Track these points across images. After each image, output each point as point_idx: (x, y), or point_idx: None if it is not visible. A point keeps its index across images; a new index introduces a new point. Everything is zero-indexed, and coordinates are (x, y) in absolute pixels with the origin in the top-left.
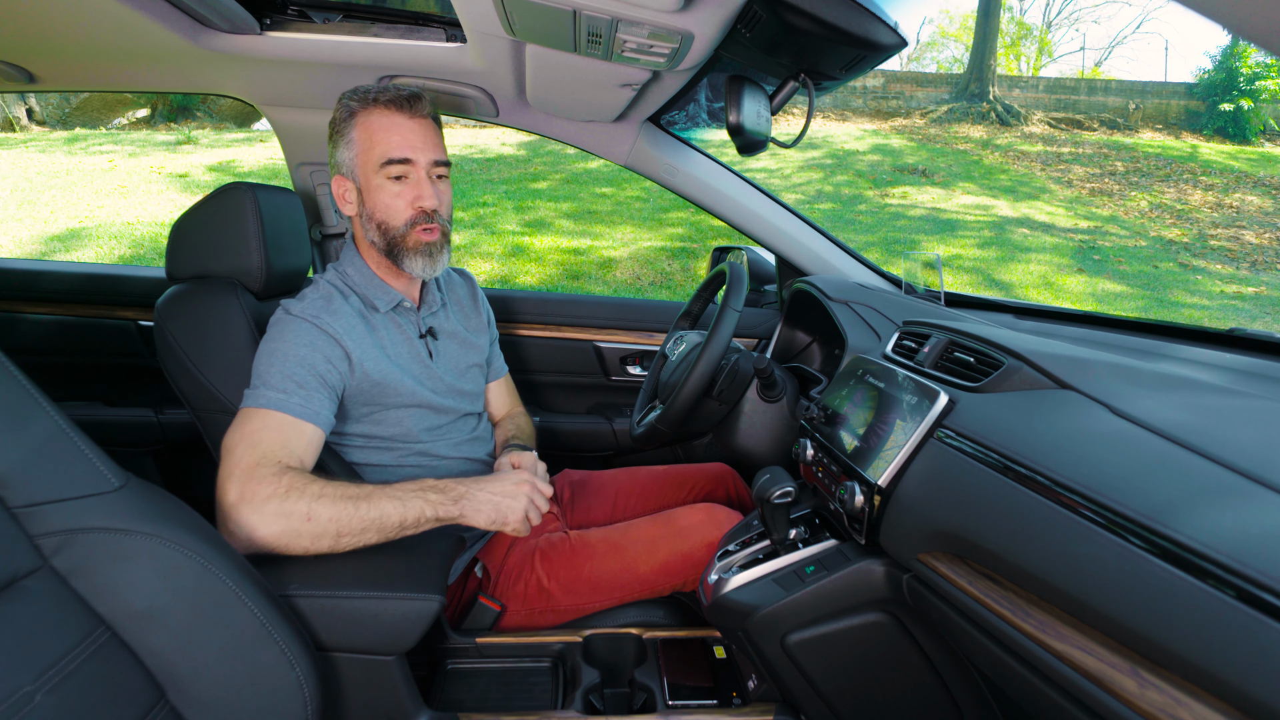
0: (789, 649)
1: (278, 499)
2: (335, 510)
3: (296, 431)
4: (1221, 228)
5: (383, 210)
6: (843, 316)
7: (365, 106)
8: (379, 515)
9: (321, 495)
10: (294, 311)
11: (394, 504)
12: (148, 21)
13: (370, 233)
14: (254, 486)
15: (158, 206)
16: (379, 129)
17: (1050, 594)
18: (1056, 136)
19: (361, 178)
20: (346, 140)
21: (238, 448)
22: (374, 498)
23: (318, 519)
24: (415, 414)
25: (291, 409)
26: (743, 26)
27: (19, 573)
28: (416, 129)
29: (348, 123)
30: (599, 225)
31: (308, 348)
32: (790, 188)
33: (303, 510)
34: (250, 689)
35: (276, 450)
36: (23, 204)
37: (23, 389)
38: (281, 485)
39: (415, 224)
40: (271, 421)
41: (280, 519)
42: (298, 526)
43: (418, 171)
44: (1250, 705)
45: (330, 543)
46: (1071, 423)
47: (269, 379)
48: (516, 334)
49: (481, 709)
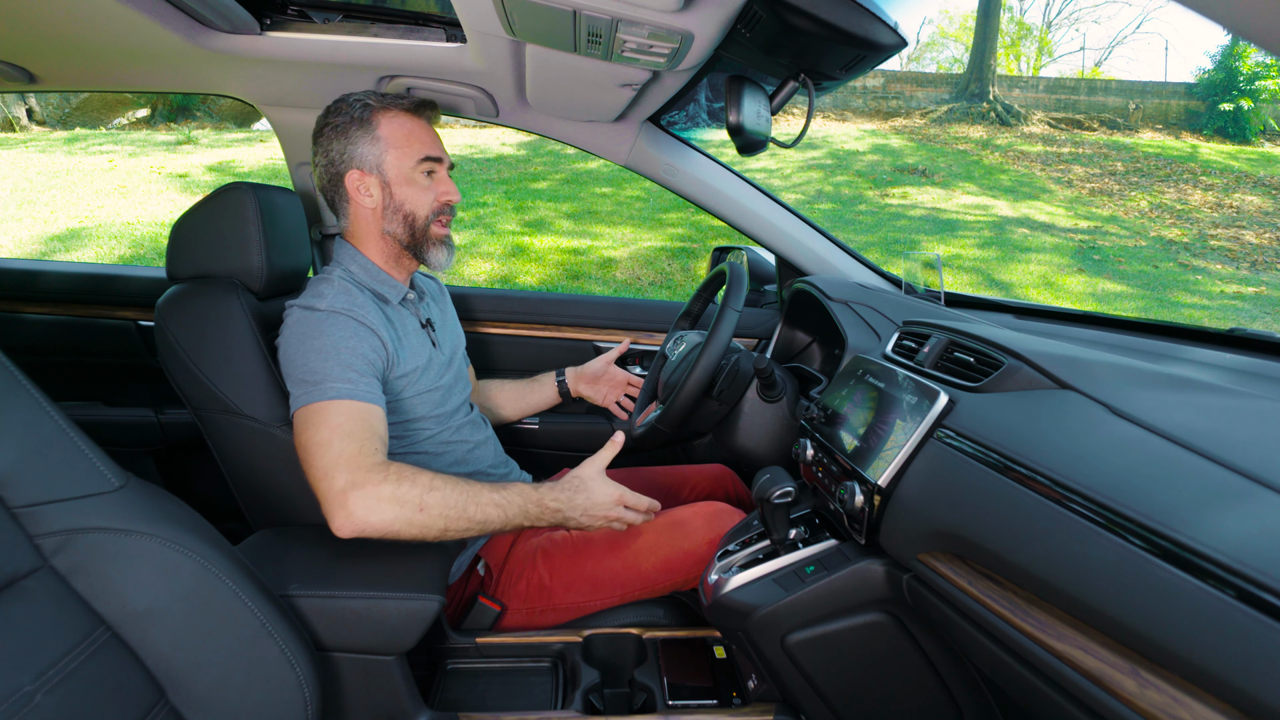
0: (789, 649)
1: (390, 484)
2: (446, 505)
3: (376, 417)
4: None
5: (413, 203)
6: (843, 316)
7: (387, 108)
8: (483, 520)
9: (433, 487)
10: (325, 307)
11: (497, 511)
12: (148, 21)
13: (392, 225)
14: (364, 474)
15: (158, 206)
16: (411, 129)
17: (1050, 594)
18: (1056, 136)
19: (393, 172)
20: (370, 137)
21: (333, 441)
22: (480, 502)
23: (429, 510)
24: (429, 399)
25: (361, 395)
26: (743, 26)
27: (19, 573)
28: (436, 134)
29: (368, 121)
30: (599, 225)
31: (354, 339)
32: (790, 188)
33: (415, 499)
34: (250, 689)
35: (371, 438)
36: (23, 204)
37: (23, 389)
38: (391, 473)
39: (439, 215)
40: (352, 410)
41: (394, 504)
42: (410, 515)
43: (443, 170)
44: (1250, 705)
45: (437, 534)
46: (1072, 423)
47: (330, 372)
48: (516, 334)
49: (481, 709)
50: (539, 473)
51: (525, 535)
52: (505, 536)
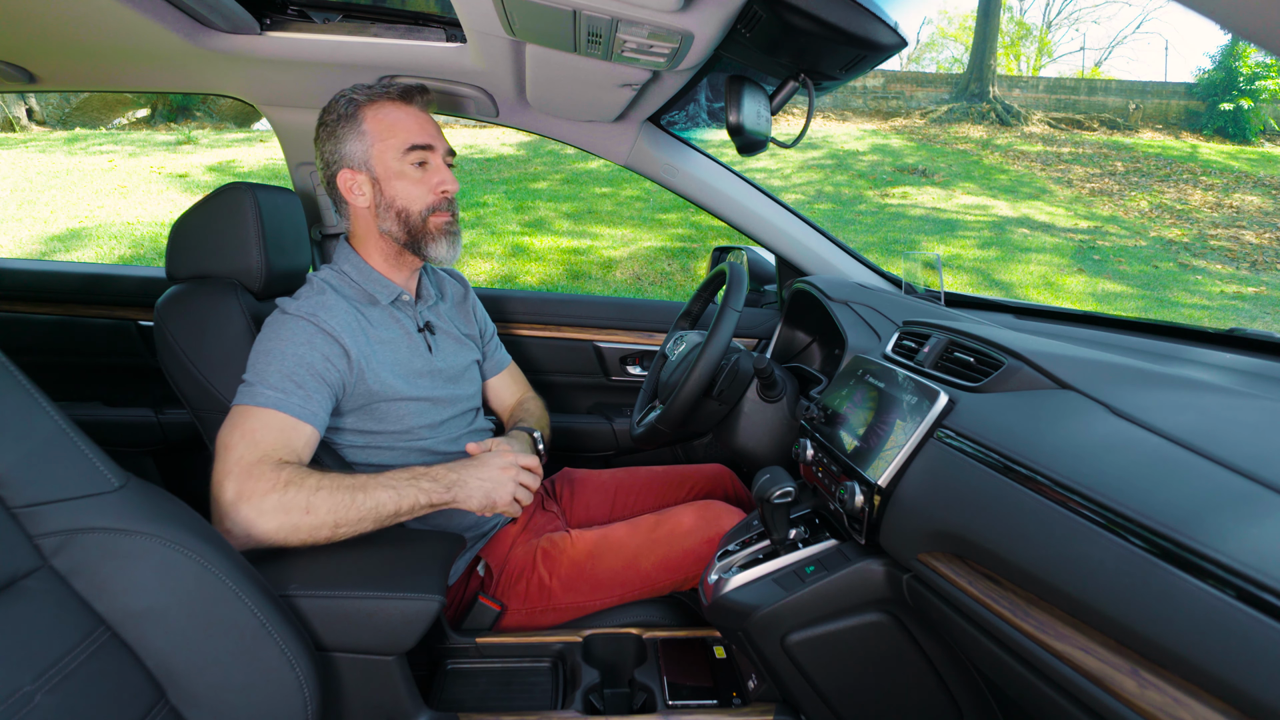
0: (789, 649)
1: (277, 493)
2: (333, 501)
3: (295, 431)
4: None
5: (404, 197)
6: (843, 316)
7: (373, 100)
8: (374, 505)
9: (320, 487)
10: (290, 310)
11: (389, 493)
12: (148, 21)
13: (387, 223)
14: (252, 484)
15: (158, 206)
16: (395, 119)
17: (1050, 594)
18: (1056, 136)
19: (379, 167)
20: (356, 133)
21: (237, 445)
22: (369, 487)
23: (316, 511)
24: (415, 408)
25: (290, 409)
26: (743, 26)
27: (19, 573)
28: (428, 119)
29: (354, 117)
30: (599, 225)
31: (306, 346)
32: (790, 188)
33: (302, 503)
34: (250, 689)
35: (276, 449)
36: (23, 204)
37: (23, 389)
38: (280, 480)
39: (436, 209)
40: (270, 421)
41: (279, 513)
42: (297, 520)
43: (437, 158)
44: (1250, 705)
45: (328, 533)
46: (1071, 423)
47: (267, 377)
48: (516, 334)
49: (481, 709)
50: None
51: (525, 536)
52: (504, 537)
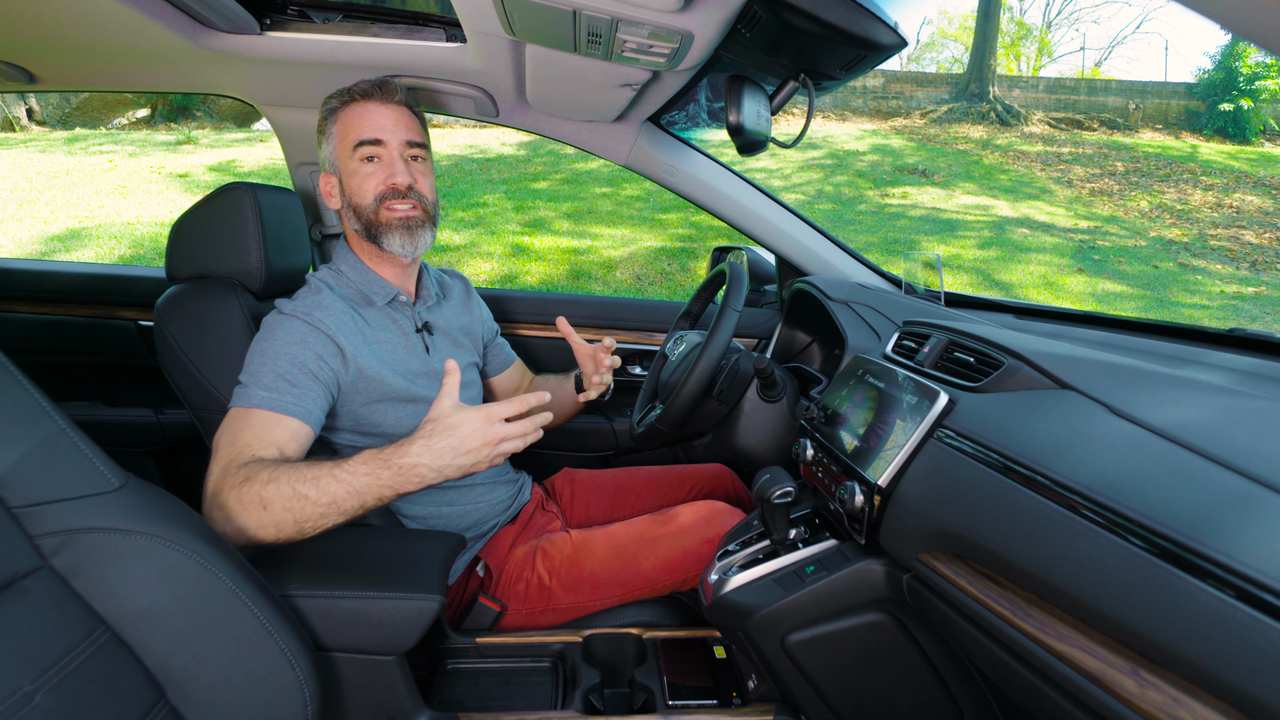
0: (789, 649)
1: (236, 489)
2: (283, 495)
3: (280, 426)
4: (1221, 228)
5: (356, 191)
6: (843, 316)
7: (345, 102)
8: (331, 500)
9: (271, 479)
10: (285, 310)
11: (344, 489)
12: (148, 21)
13: (351, 221)
14: (224, 481)
15: (158, 206)
16: (353, 118)
17: (1050, 594)
18: (1056, 136)
19: (340, 166)
20: (328, 136)
21: (220, 446)
22: (321, 481)
23: (272, 505)
24: (411, 409)
25: (282, 407)
26: (743, 26)
27: (19, 573)
28: (388, 113)
29: (329, 120)
30: (599, 225)
31: (299, 345)
32: (790, 188)
33: (256, 498)
34: (250, 689)
35: (254, 444)
36: (23, 204)
37: (23, 389)
38: (240, 475)
39: (383, 199)
40: (256, 419)
41: (239, 511)
42: (257, 517)
43: (389, 152)
44: (1250, 705)
45: (293, 529)
46: (1072, 423)
47: (260, 378)
48: (516, 334)
49: (481, 709)
50: (539, 473)
51: (525, 536)
52: (504, 538)
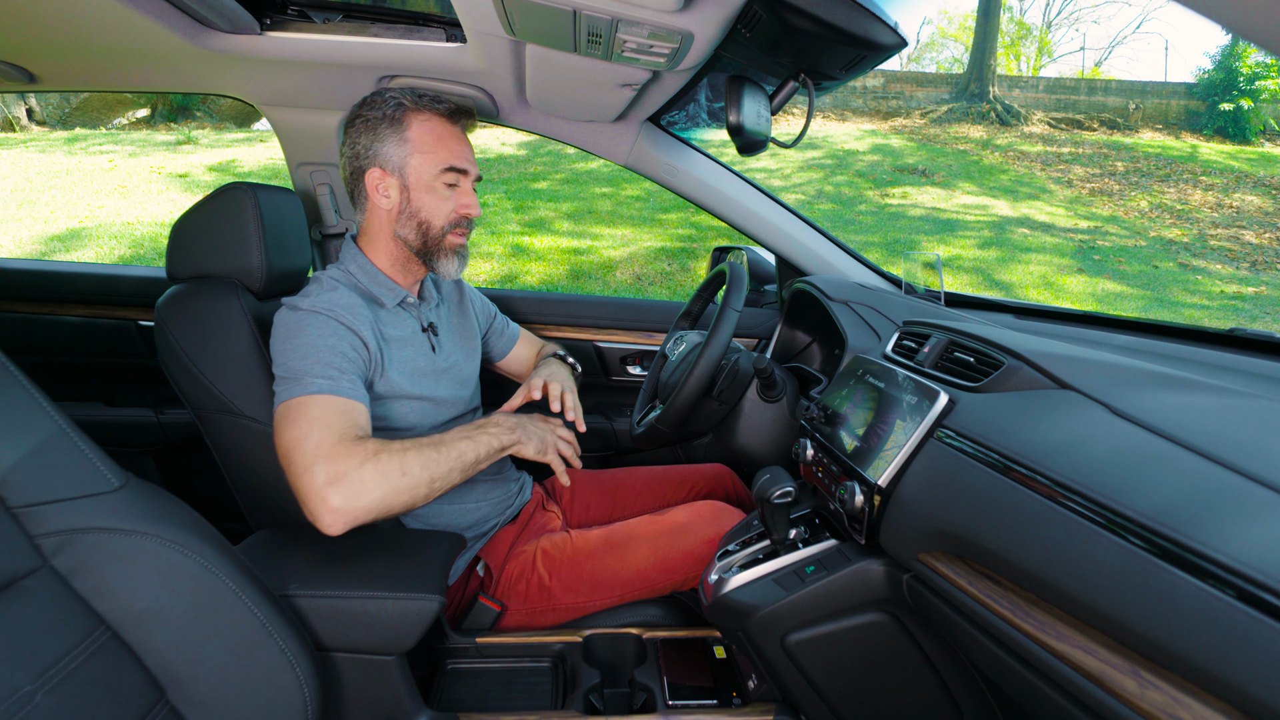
0: (789, 649)
1: (371, 462)
2: (423, 459)
3: (355, 410)
4: (1221, 228)
5: (429, 210)
6: (843, 316)
7: (421, 110)
8: (458, 455)
9: (406, 449)
10: (305, 306)
11: (468, 443)
12: (148, 21)
13: (406, 229)
14: (344, 462)
15: (158, 206)
16: (443, 135)
17: (1050, 594)
18: (1056, 136)
19: (414, 177)
20: (399, 138)
21: (310, 434)
22: (448, 442)
23: (411, 471)
24: (419, 407)
25: (342, 392)
26: (743, 26)
27: (19, 573)
28: (468, 143)
29: (400, 121)
30: (599, 225)
31: (334, 337)
32: (790, 188)
33: (396, 467)
34: (250, 689)
35: (350, 428)
36: (23, 204)
37: (23, 389)
38: (369, 450)
39: (455, 227)
40: (330, 405)
41: (380, 480)
42: (396, 483)
43: (467, 182)
44: (1250, 705)
45: (425, 490)
46: (1071, 423)
47: (310, 369)
48: None
49: (481, 709)
50: (539, 473)
51: (525, 536)
52: (504, 538)
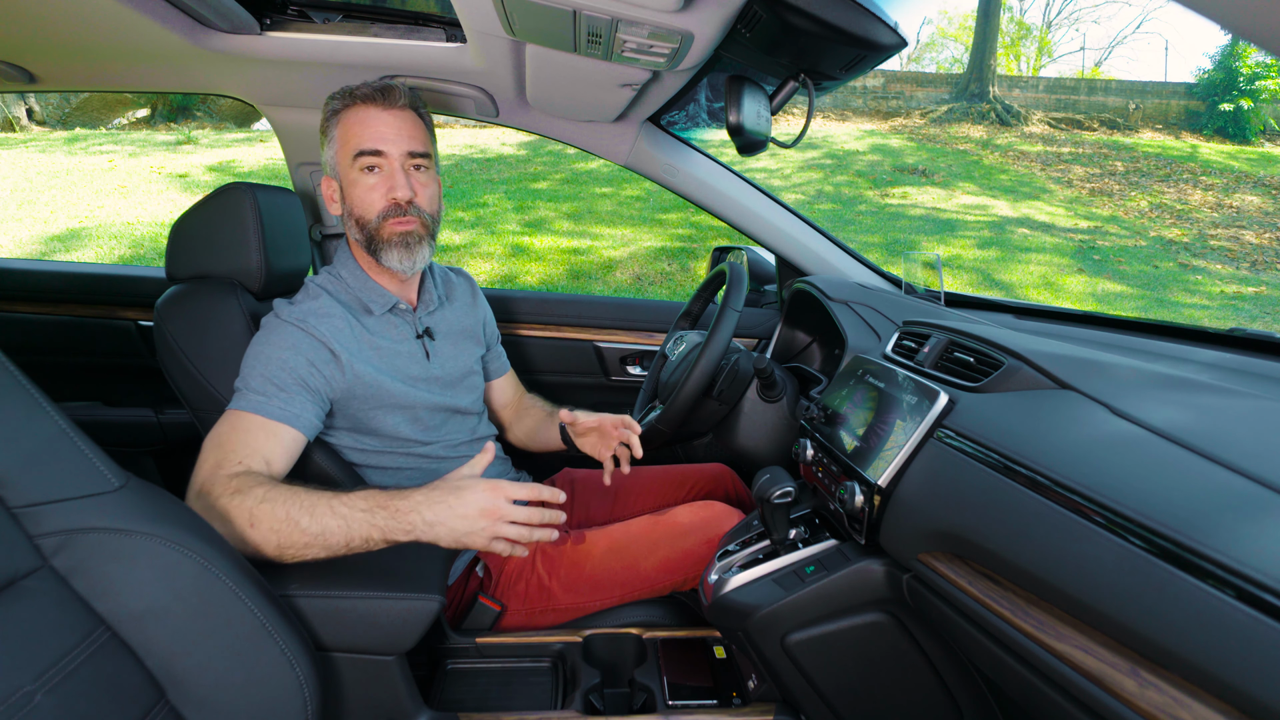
0: (789, 649)
1: (226, 498)
2: (275, 518)
3: (267, 433)
4: (1221, 228)
5: (359, 204)
6: (843, 316)
7: (347, 104)
8: (321, 531)
9: (265, 499)
10: (282, 315)
11: (338, 522)
12: (148, 21)
13: (352, 230)
14: (208, 487)
15: (158, 206)
16: (354, 123)
17: (1050, 594)
18: (1056, 136)
19: (341, 174)
20: (329, 139)
21: (208, 455)
22: (318, 511)
23: (259, 525)
24: (409, 415)
25: (269, 411)
26: (743, 26)
27: (19, 573)
28: (391, 120)
29: (331, 122)
30: (599, 225)
31: (290, 350)
32: (790, 188)
33: (245, 515)
34: (250, 689)
35: (240, 451)
36: (23, 204)
37: (23, 389)
38: (230, 487)
39: (388, 215)
40: (244, 423)
41: (222, 523)
42: (242, 532)
43: (390, 163)
44: (1250, 705)
45: (274, 552)
46: (1071, 423)
47: (250, 381)
48: (516, 334)
49: (481, 709)
50: (539, 473)
51: None
52: None
